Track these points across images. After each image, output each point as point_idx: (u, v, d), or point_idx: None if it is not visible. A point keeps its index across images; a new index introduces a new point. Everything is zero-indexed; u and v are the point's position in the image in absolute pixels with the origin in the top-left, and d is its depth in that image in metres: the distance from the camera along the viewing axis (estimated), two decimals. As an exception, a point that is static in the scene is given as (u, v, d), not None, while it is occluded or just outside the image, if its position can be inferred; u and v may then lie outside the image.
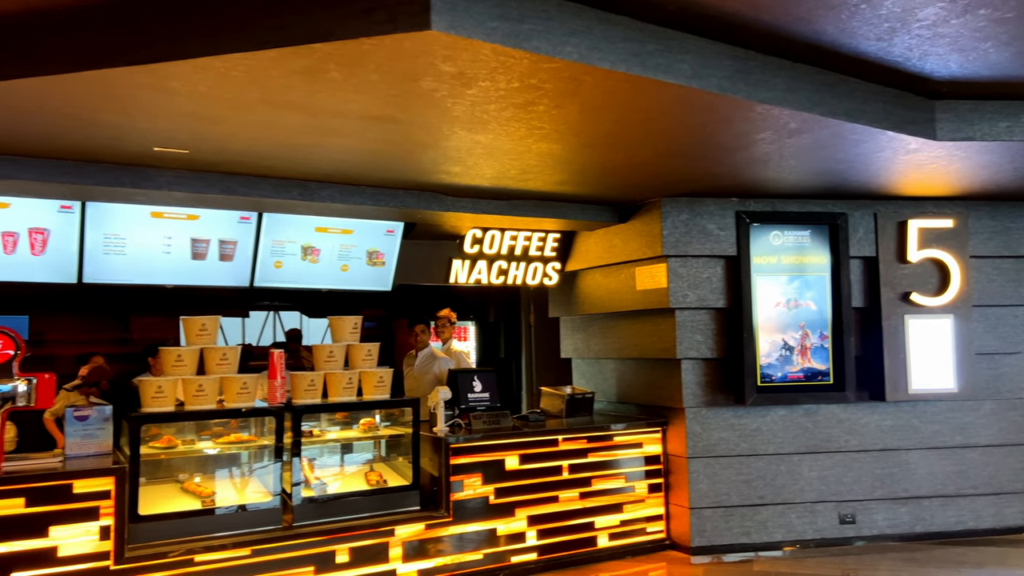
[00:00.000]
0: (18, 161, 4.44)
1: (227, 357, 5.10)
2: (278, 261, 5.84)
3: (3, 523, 4.12)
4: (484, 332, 10.06)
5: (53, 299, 8.41)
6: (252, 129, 3.96)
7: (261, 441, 5.24)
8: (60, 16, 3.13)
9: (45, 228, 5.06)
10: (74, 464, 4.52)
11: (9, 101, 3.47)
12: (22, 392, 4.37)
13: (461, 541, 5.36)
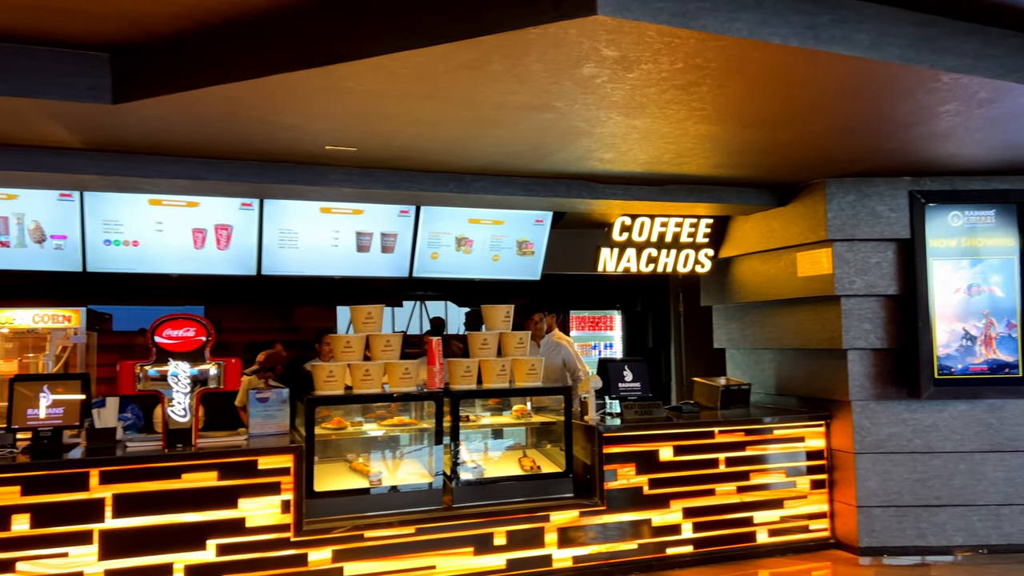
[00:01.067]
0: (209, 163, 4.85)
1: (391, 344, 5.34)
2: (435, 252, 6.05)
3: (200, 494, 4.50)
4: (631, 321, 9.95)
5: (223, 289, 9.07)
6: (416, 125, 4.11)
7: (421, 424, 5.46)
8: (246, 24, 3.37)
9: (229, 224, 5.50)
10: (257, 442, 4.88)
11: (205, 107, 3.78)
12: (213, 375, 4.77)
13: (615, 530, 5.35)
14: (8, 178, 4.68)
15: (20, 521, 4.14)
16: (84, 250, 5.24)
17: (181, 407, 4.68)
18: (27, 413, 4.55)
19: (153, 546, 4.36)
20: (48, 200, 5.12)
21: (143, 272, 5.49)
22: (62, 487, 4.24)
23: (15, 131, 4.12)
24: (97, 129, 4.11)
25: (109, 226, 5.29)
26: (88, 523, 4.27)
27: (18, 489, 4.17)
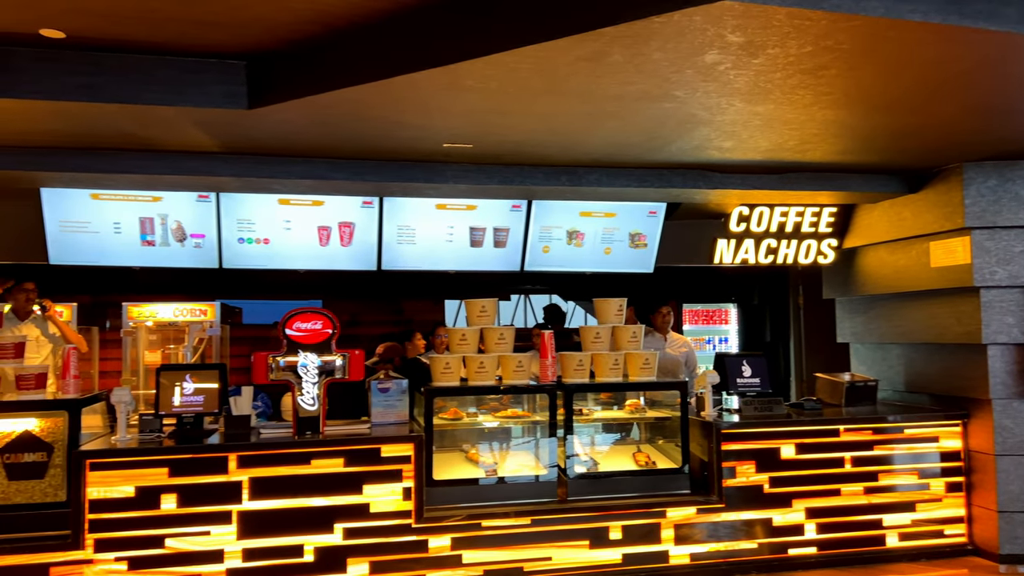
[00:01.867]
0: (333, 163, 5.06)
1: (504, 337, 5.41)
2: (546, 246, 6.08)
3: (327, 479, 4.71)
4: (747, 315, 9.66)
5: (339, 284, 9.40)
6: (532, 119, 4.14)
7: (534, 417, 5.50)
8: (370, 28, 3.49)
9: (352, 222, 5.72)
10: (379, 431, 5.05)
11: (331, 110, 3.95)
12: (339, 366, 4.98)
13: (733, 528, 5.22)
14: (154, 181, 5.04)
15: (168, 500, 4.45)
16: (220, 248, 5.57)
17: (310, 396, 4.90)
18: (172, 401, 4.89)
19: (285, 527, 4.59)
20: (188, 201, 5.47)
21: (273, 268, 5.79)
22: (204, 470, 4.53)
23: (161, 136, 4.43)
24: (233, 133, 4.37)
25: (243, 225, 5.60)
26: (227, 504, 4.53)
27: (166, 471, 4.48)
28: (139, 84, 3.72)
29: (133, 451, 4.47)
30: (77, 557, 4.27)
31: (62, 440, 4.48)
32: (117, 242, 5.44)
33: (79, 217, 5.31)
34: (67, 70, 3.63)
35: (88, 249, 5.39)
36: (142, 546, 4.36)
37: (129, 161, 4.75)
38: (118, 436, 4.65)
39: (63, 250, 5.36)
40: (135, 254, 5.50)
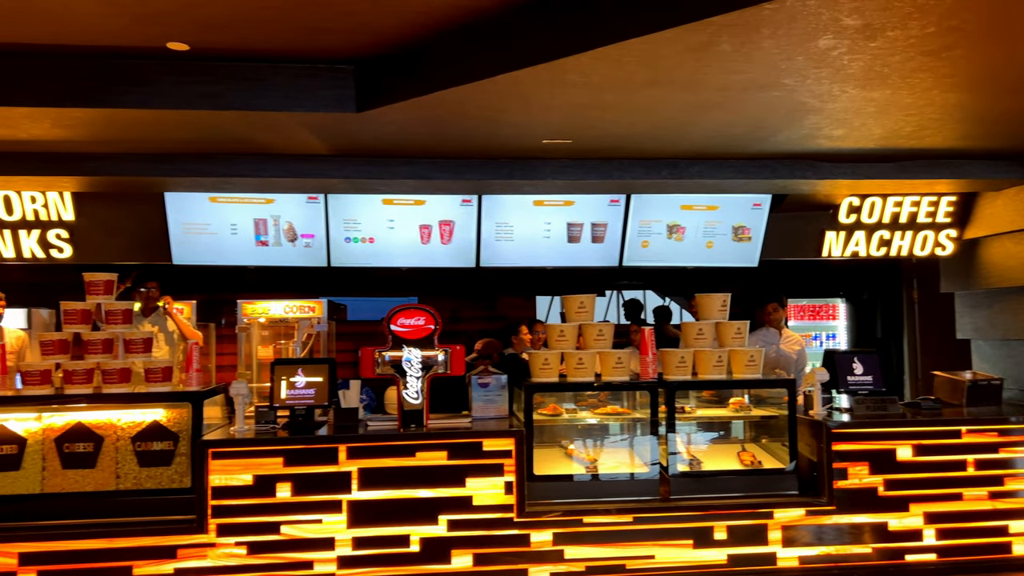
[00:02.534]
0: (436, 163, 5.16)
1: (603, 333, 5.37)
2: (645, 241, 6.01)
3: (432, 471, 4.81)
4: (857, 310, 9.25)
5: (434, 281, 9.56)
6: (633, 112, 4.10)
7: (634, 414, 5.45)
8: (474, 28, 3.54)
9: (452, 220, 5.82)
10: (479, 425, 5.11)
11: (435, 110, 4.03)
12: (441, 361, 5.08)
13: (845, 532, 5.02)
14: (268, 183, 5.28)
15: (283, 489, 4.65)
16: (328, 247, 5.78)
17: (414, 390, 5.02)
18: (286, 393, 5.10)
19: (392, 518, 4.72)
20: (298, 203, 5.71)
21: (377, 266, 5.96)
22: (316, 460, 4.70)
23: (274, 141, 4.64)
24: (341, 136, 4.52)
25: (349, 225, 5.79)
26: (338, 493, 4.69)
27: (281, 460, 4.68)
28: (255, 91, 3.91)
29: (251, 441, 4.69)
30: (201, 540, 4.51)
31: (186, 430, 4.75)
32: (234, 242, 5.73)
33: (199, 219, 5.63)
34: (191, 81, 3.85)
35: (207, 249, 5.71)
36: (260, 532, 4.57)
37: (245, 165, 4.99)
38: (236, 427, 4.89)
39: (185, 250, 5.69)
40: (250, 254, 5.77)
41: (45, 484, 4.56)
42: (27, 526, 4.36)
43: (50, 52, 3.76)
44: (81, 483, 4.59)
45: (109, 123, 4.12)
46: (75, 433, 4.61)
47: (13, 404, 4.61)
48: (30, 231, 5.76)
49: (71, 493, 4.56)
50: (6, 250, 5.75)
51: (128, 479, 4.65)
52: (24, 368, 4.78)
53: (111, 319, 4.91)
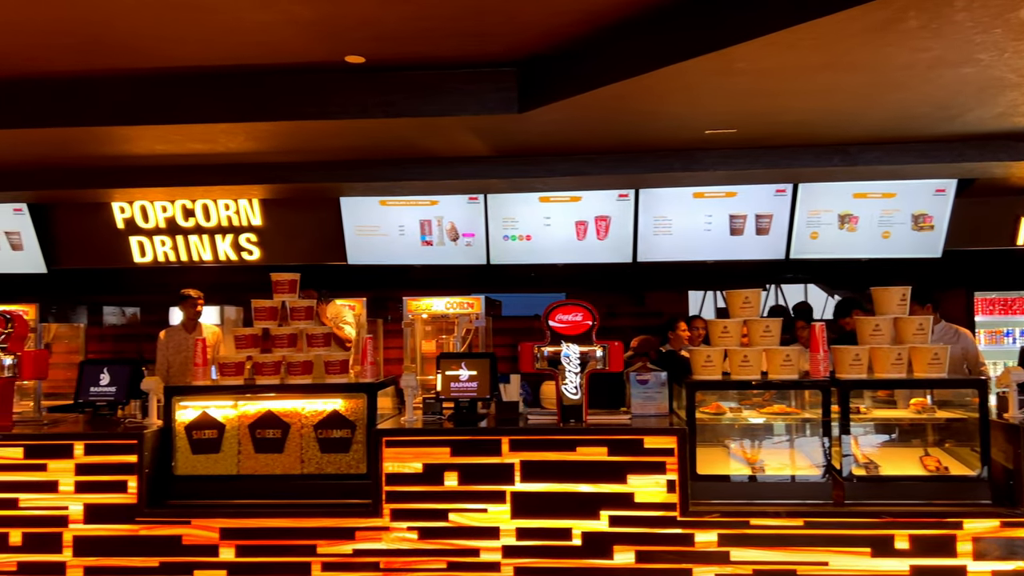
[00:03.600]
0: (592, 158, 5.18)
1: (770, 329, 5.16)
2: (814, 232, 5.73)
3: (592, 467, 4.81)
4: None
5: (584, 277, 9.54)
6: (804, 97, 3.92)
7: (802, 414, 5.20)
8: (634, 23, 3.52)
9: (608, 215, 5.83)
10: (639, 422, 5.06)
11: (594, 107, 4.05)
12: (599, 357, 5.08)
13: (1050, 548, 4.54)
14: (433, 186, 5.51)
15: (450, 478, 4.83)
16: (488, 245, 5.95)
17: (573, 385, 5.06)
18: (451, 386, 5.30)
19: (553, 511, 4.77)
20: (460, 203, 5.92)
21: (533, 263, 6.07)
22: (480, 451, 4.84)
23: (440, 145, 4.84)
24: (503, 137, 4.64)
25: (507, 223, 5.94)
26: (501, 484, 4.81)
27: (448, 451, 4.86)
28: (425, 98, 4.09)
29: (420, 431, 4.91)
30: (376, 524, 4.77)
31: (362, 419, 5.04)
32: (401, 243, 6.03)
33: (371, 222, 5.98)
34: (366, 91, 4.09)
35: (378, 250, 6.05)
36: (429, 518, 4.77)
37: (413, 169, 5.25)
38: (407, 417, 5.13)
39: (359, 251, 6.06)
40: (416, 253, 6.06)
41: (240, 466, 4.99)
42: (226, 504, 4.80)
43: (243, 71, 4.13)
44: (271, 466, 4.98)
45: (293, 134, 4.46)
46: (265, 420, 5.02)
47: (213, 393, 5.09)
48: (224, 236, 6.36)
49: (262, 475, 4.96)
50: (205, 253, 6.37)
51: (311, 464, 5.00)
52: (220, 360, 5.26)
53: (295, 315, 5.30)
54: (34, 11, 3.60)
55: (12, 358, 4.91)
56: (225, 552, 4.69)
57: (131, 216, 6.57)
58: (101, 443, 4.76)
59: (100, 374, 5.17)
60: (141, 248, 6.67)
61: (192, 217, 6.45)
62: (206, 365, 5.31)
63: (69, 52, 4.16)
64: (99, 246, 6.63)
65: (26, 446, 4.76)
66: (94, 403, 5.15)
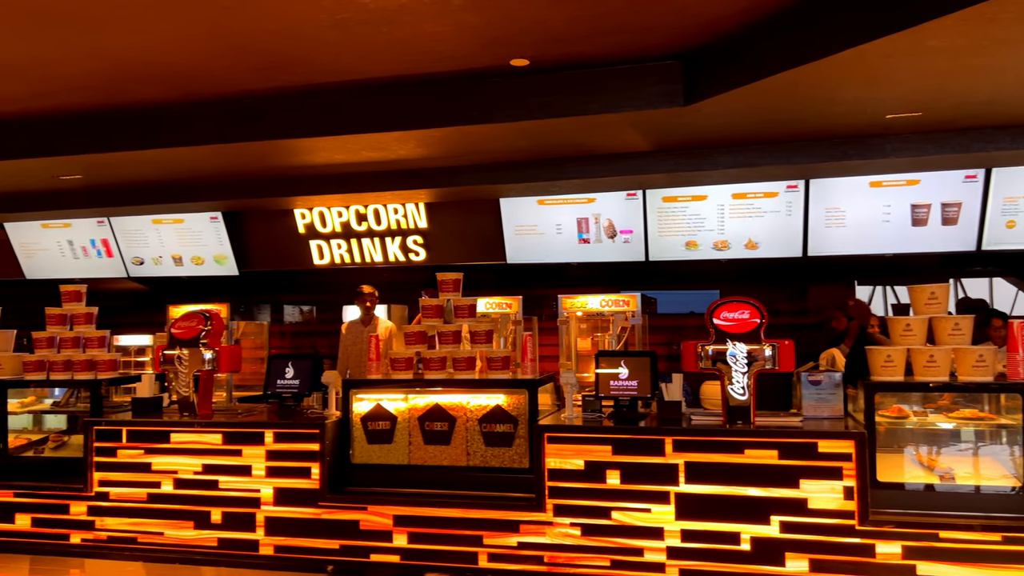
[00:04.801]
0: (759, 148, 4.99)
1: (960, 327, 4.76)
2: (1011, 220, 5.21)
3: (761, 470, 4.64)
4: None
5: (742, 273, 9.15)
6: (1005, 74, 3.57)
7: (998, 419, 4.75)
8: (807, 6, 3.34)
9: (774, 209, 5.58)
10: (811, 425, 4.82)
11: (764, 95, 3.90)
12: (768, 356, 4.88)
13: None
14: (592, 184, 5.53)
15: (612, 476, 4.82)
16: (647, 242, 5.88)
17: (740, 386, 4.89)
18: (611, 384, 5.28)
19: (720, 514, 4.65)
20: (618, 200, 5.89)
21: (693, 259, 5.93)
22: (642, 451, 4.79)
23: (600, 142, 4.84)
24: (664, 131, 4.57)
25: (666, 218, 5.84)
26: (664, 485, 4.74)
27: (609, 448, 4.85)
28: (586, 97, 4.11)
29: (581, 428, 4.93)
30: (540, 518, 4.84)
31: (524, 414, 5.14)
32: (558, 241, 6.09)
33: (529, 221, 6.08)
34: (528, 93, 4.17)
35: (535, 249, 6.14)
36: (592, 515, 4.78)
37: (571, 168, 5.28)
38: (567, 414, 5.17)
39: (517, 250, 6.18)
40: (572, 251, 6.10)
41: (411, 456, 5.23)
42: (398, 492, 5.04)
43: (414, 80, 4.33)
44: (438, 457, 5.19)
45: (459, 139, 4.62)
46: (433, 413, 5.23)
47: (385, 386, 5.37)
48: (394, 238, 6.70)
49: (431, 466, 5.18)
50: (376, 255, 6.75)
51: (476, 456, 5.15)
52: (392, 356, 5.54)
53: (459, 313, 5.49)
54: (220, 37, 3.96)
55: (211, 352, 5.40)
56: (398, 538, 4.94)
57: (311, 222, 7.08)
58: (288, 432, 5.14)
59: (285, 368, 5.59)
60: (320, 251, 7.16)
61: (365, 221, 6.85)
62: (379, 360, 5.60)
63: (254, 72, 4.54)
64: (283, 250, 7.20)
65: (224, 433, 5.23)
66: (280, 395, 5.57)
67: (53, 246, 7.67)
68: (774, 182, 5.50)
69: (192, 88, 4.78)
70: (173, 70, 4.43)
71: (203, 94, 4.90)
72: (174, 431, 5.29)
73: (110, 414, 5.62)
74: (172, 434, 5.29)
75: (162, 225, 7.29)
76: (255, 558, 5.09)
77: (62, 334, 5.86)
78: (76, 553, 5.30)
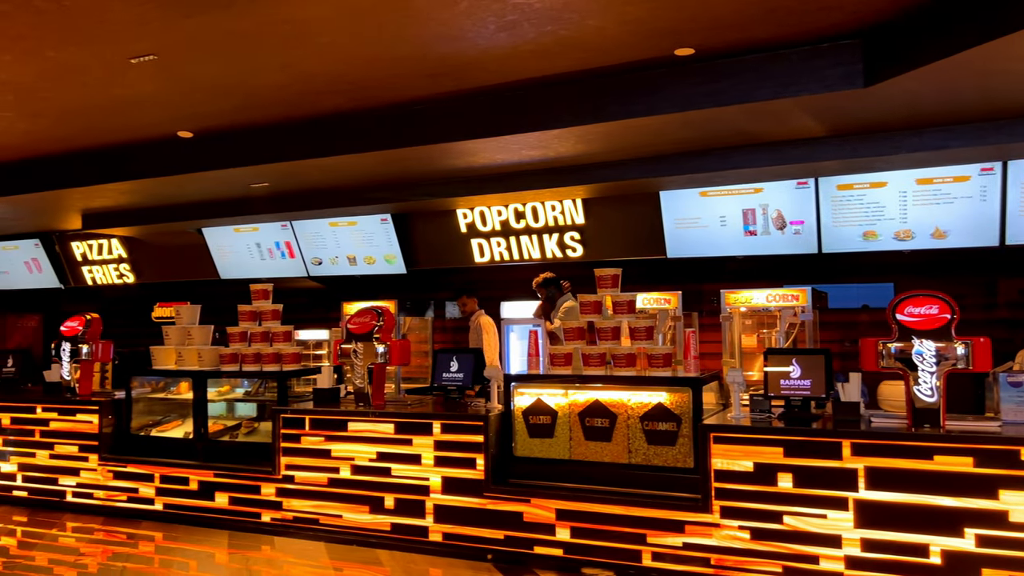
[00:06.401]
0: (948, 130, 4.58)
1: None
2: None
3: (953, 479, 4.28)
4: None
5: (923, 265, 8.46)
6: None
7: None
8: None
9: (964, 194, 5.11)
10: (1011, 430, 4.39)
11: (956, 72, 3.57)
12: (960, 355, 4.48)
13: None
14: (759, 173, 5.31)
15: (784, 479, 4.61)
16: (819, 233, 5.57)
17: (928, 387, 4.53)
18: (780, 383, 5.05)
19: (906, 524, 4.33)
20: (787, 190, 5.62)
21: (870, 250, 5.55)
22: (817, 453, 4.55)
23: (769, 130, 4.64)
24: (841, 115, 4.30)
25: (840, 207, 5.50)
26: (841, 491, 4.47)
27: (780, 451, 4.64)
28: (754, 83, 3.95)
29: (750, 428, 4.76)
30: (706, 520, 4.72)
31: (688, 413, 5.03)
32: (722, 234, 5.90)
33: (690, 214, 5.94)
34: (694, 82, 4.06)
35: (697, 242, 5.98)
36: (762, 519, 4.60)
37: (737, 157, 5.10)
38: (733, 413, 5.01)
39: (678, 244, 6.05)
40: (737, 244, 5.88)
41: (572, 452, 5.26)
42: (560, 486, 5.09)
43: (576, 77, 4.35)
44: (599, 454, 5.18)
45: (621, 133, 4.59)
46: (594, 409, 5.23)
47: (545, 381, 5.43)
48: (551, 235, 6.77)
49: (591, 462, 5.19)
50: (534, 252, 6.85)
51: (638, 454, 5.10)
52: (552, 351, 5.60)
53: (618, 309, 5.46)
54: (396, 47, 4.16)
55: (384, 346, 5.70)
56: (561, 532, 4.99)
57: (472, 221, 7.30)
58: (454, 423, 5.34)
59: (450, 361, 5.80)
60: (480, 249, 7.37)
61: (523, 219, 6.97)
62: (538, 355, 5.68)
63: (424, 79, 4.73)
64: (446, 249, 7.47)
65: (396, 423, 5.51)
66: (445, 387, 5.79)
67: (243, 248, 8.40)
68: (965, 165, 5.02)
69: (366, 97, 5.07)
70: (352, 81, 4.72)
71: (376, 102, 5.18)
72: (351, 420, 5.64)
73: (293, 403, 6.08)
74: (349, 423, 5.64)
75: (338, 227, 7.79)
76: (425, 543, 5.32)
77: (252, 329, 6.40)
78: (266, 531, 5.77)
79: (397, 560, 5.19)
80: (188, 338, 6.56)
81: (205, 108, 5.26)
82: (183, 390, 6.77)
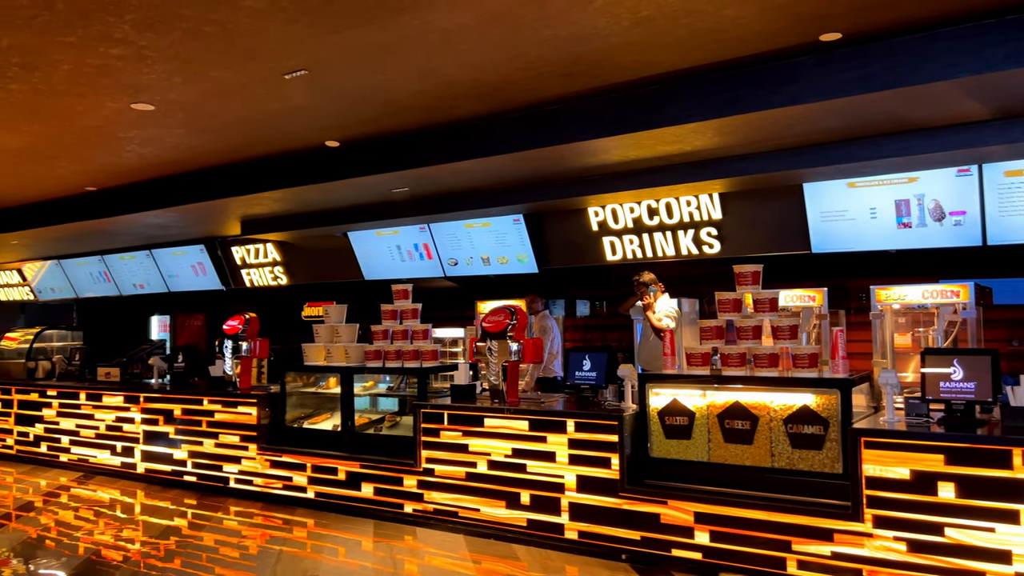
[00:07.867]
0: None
1: None
2: None
3: None
4: None
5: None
6: None
7: None
8: None
9: None
10: None
11: None
12: None
13: None
14: (913, 161, 4.96)
15: (945, 489, 4.30)
16: (984, 224, 5.14)
17: (1118, 393, 4.08)
18: (940, 385, 4.71)
19: (1091, 543, 3.93)
20: (946, 178, 5.22)
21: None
22: (983, 462, 4.21)
23: (923, 114, 4.32)
24: (1010, 95, 3.95)
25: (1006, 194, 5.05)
26: (1013, 503, 4.12)
27: (941, 458, 4.33)
28: (909, 65, 3.69)
29: (905, 434, 4.46)
30: (856, 528, 4.48)
31: (835, 416, 4.78)
32: (872, 227, 5.56)
33: (837, 207, 5.63)
34: (840, 69, 3.85)
35: (845, 236, 5.67)
36: (920, 530, 4.31)
37: (889, 145, 4.79)
38: (886, 417, 4.72)
39: (823, 239, 5.75)
40: (890, 237, 5.53)
41: (711, 454, 5.13)
42: (698, 489, 4.98)
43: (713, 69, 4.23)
44: (740, 457, 5.02)
45: (761, 125, 4.43)
46: (733, 411, 5.08)
47: (681, 381, 5.33)
48: (686, 231, 6.63)
49: (731, 465, 5.04)
50: (668, 249, 6.73)
51: (781, 458, 4.91)
52: (688, 351, 5.49)
53: (759, 307, 5.26)
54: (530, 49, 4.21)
55: (517, 344, 5.79)
56: (700, 535, 4.88)
57: (603, 219, 7.27)
58: (588, 422, 5.34)
59: (583, 360, 5.80)
60: (612, 247, 7.32)
61: (656, 216, 6.87)
62: (674, 355, 5.58)
63: (557, 79, 4.76)
64: (577, 247, 7.48)
65: (530, 420, 5.58)
66: (578, 385, 5.79)
67: (384, 251, 8.77)
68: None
69: (501, 99, 5.16)
70: (488, 84, 4.83)
71: (510, 104, 5.27)
72: (487, 416, 5.77)
73: (431, 399, 6.29)
74: (485, 419, 5.76)
75: (473, 229, 7.98)
76: (560, 540, 5.36)
77: (394, 327, 6.67)
78: (408, 521, 6.01)
79: (533, 556, 5.26)
80: (336, 336, 6.93)
81: (350, 117, 5.54)
82: (331, 385, 7.17)
